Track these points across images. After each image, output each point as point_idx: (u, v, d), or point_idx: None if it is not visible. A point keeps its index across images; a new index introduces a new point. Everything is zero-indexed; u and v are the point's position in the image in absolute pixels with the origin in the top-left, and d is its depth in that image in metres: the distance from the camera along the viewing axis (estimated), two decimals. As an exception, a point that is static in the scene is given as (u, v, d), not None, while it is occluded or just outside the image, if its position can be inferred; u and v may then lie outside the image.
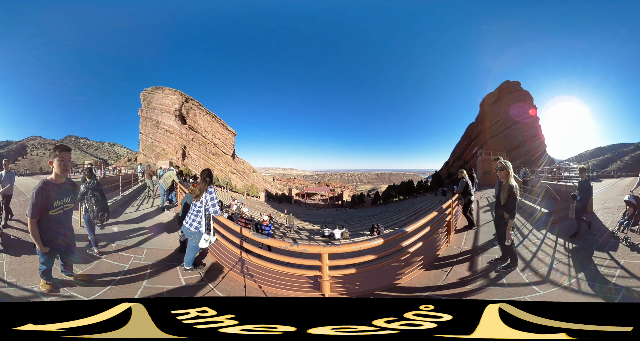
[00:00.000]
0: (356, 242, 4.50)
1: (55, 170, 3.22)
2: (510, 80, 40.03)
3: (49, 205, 3.16)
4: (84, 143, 49.66)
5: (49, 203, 3.16)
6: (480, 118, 41.63)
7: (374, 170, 63.20)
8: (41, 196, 3.10)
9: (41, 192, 3.10)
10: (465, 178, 6.89)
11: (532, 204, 8.50)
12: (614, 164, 38.70)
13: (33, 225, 3.12)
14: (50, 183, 3.21)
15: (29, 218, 3.11)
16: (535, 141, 36.81)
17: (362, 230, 19.32)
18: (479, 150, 33.70)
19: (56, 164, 3.19)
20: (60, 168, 3.20)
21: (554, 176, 15.65)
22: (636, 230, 5.38)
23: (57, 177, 3.26)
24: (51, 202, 3.17)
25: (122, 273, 4.38)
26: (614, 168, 37.19)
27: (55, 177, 3.26)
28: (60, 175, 3.27)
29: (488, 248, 5.38)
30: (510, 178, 4.20)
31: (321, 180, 57.65)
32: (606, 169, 37.55)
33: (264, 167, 59.37)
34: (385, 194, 45.51)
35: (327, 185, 54.41)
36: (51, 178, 3.25)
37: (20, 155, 41.94)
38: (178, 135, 43.36)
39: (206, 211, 4.31)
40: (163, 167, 22.31)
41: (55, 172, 3.23)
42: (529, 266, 4.51)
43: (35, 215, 3.10)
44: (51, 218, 3.21)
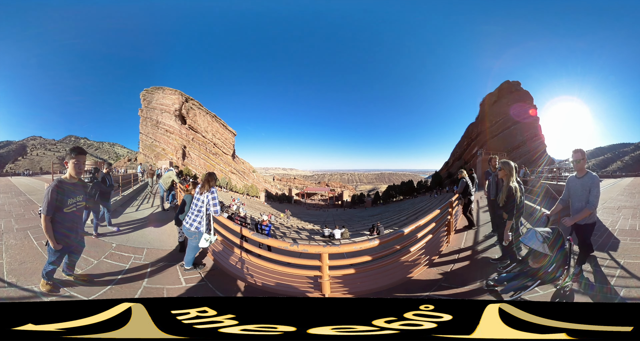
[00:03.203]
0: (356, 242, 4.50)
1: (69, 171, 3.38)
2: (510, 80, 40.10)
3: (63, 202, 3.29)
4: (84, 143, 49.68)
5: (64, 201, 3.30)
6: (480, 118, 41.68)
7: (374, 170, 63.25)
8: (56, 194, 3.23)
9: (56, 190, 3.23)
10: (465, 178, 6.89)
11: (532, 204, 8.51)
12: (614, 164, 38.72)
13: (47, 222, 3.24)
14: (65, 182, 3.36)
15: (44, 215, 3.22)
16: (535, 141, 36.84)
17: (362, 230, 19.33)
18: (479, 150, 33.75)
19: (71, 166, 3.36)
20: (74, 171, 3.38)
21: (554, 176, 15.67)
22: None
23: (70, 177, 3.42)
24: (65, 199, 3.31)
25: (122, 273, 4.38)
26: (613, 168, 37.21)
27: (69, 176, 3.42)
28: (74, 176, 3.43)
29: (488, 248, 5.38)
30: (510, 178, 4.20)
31: (321, 180, 57.67)
32: (606, 169, 37.58)
33: (264, 167, 59.47)
34: (385, 194, 45.52)
35: (327, 185, 54.42)
36: (65, 178, 3.41)
37: (20, 155, 41.93)
38: (178, 135, 43.37)
39: (207, 211, 4.31)
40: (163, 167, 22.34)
41: (70, 173, 3.40)
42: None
43: (49, 212, 3.22)
44: (65, 216, 3.34)
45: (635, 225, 6.03)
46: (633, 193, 9.92)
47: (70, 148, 3.37)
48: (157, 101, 44.47)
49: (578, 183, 3.89)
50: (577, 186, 3.90)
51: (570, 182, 4.04)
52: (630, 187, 11.58)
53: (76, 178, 3.46)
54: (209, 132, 46.26)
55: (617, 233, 5.54)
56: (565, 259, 3.14)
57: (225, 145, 48.12)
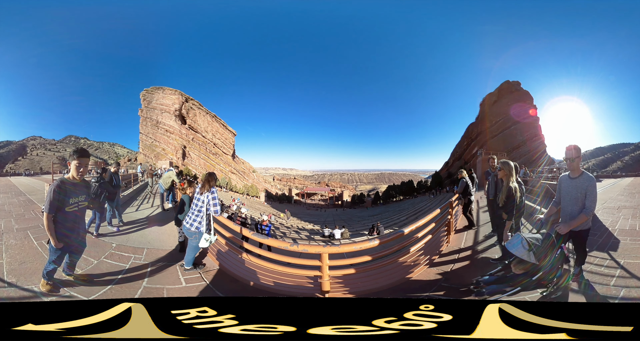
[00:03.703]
0: (356, 242, 4.50)
1: (72, 172, 3.42)
2: (510, 80, 40.08)
3: (65, 202, 3.32)
4: (84, 143, 49.60)
5: (65, 201, 3.32)
6: (480, 118, 41.66)
7: (374, 170, 63.21)
8: (58, 193, 3.26)
9: (58, 189, 3.27)
10: (465, 178, 6.90)
11: (532, 204, 8.51)
12: (614, 164, 38.71)
13: (49, 220, 3.27)
14: (67, 182, 3.39)
15: (46, 213, 3.25)
16: (535, 141, 36.83)
17: (362, 230, 19.33)
18: (479, 150, 33.75)
19: (73, 167, 3.39)
20: (76, 172, 3.40)
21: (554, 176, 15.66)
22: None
23: (72, 177, 3.44)
24: (67, 199, 3.34)
25: (122, 273, 4.38)
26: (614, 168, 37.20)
27: (71, 176, 3.44)
28: (76, 177, 3.45)
29: (488, 248, 5.38)
30: (510, 179, 4.19)
31: (321, 180, 57.65)
32: (606, 169, 37.57)
33: (264, 167, 59.42)
34: (385, 194, 45.51)
35: (327, 185, 54.41)
36: (68, 177, 3.44)
37: (20, 155, 41.92)
38: (178, 135, 43.36)
39: (207, 211, 4.31)
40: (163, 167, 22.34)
41: (72, 174, 3.42)
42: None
43: (52, 210, 3.25)
44: (67, 215, 3.37)
45: (635, 225, 6.03)
46: (633, 193, 9.93)
47: (74, 150, 3.38)
48: (157, 101, 44.45)
49: (571, 184, 3.46)
50: (570, 187, 3.47)
51: (563, 182, 3.60)
52: (630, 187, 11.59)
53: (78, 179, 3.48)
54: (209, 132, 46.24)
55: (617, 233, 5.54)
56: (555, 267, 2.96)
57: (225, 145, 48.09)
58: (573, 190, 3.44)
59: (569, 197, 3.50)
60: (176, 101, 44.60)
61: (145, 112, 44.28)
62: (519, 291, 3.11)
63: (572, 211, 3.45)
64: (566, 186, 3.54)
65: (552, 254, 2.97)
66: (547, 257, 2.94)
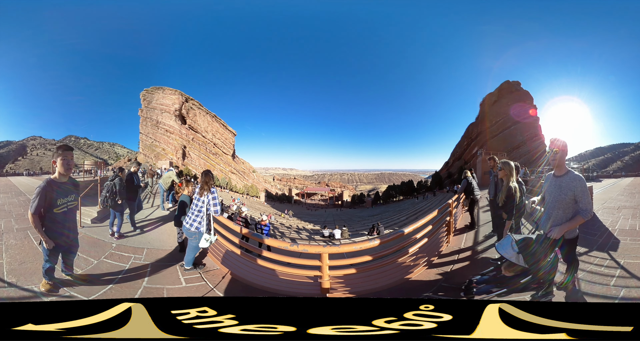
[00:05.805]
0: (356, 242, 4.50)
1: (58, 169, 3.32)
2: (510, 80, 40.04)
3: (52, 203, 3.25)
4: (84, 143, 49.59)
5: (53, 202, 3.25)
6: (480, 118, 41.64)
7: (374, 170, 63.17)
8: (45, 194, 3.20)
9: (44, 191, 3.20)
10: (468, 178, 6.92)
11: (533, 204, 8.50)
12: (614, 164, 38.70)
13: (35, 219, 3.21)
14: (54, 182, 3.31)
15: (30, 212, 3.20)
16: (535, 141, 36.80)
17: (362, 230, 19.32)
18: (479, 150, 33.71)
19: (59, 163, 3.30)
20: (63, 168, 3.31)
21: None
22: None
23: (60, 176, 3.36)
24: (55, 200, 3.26)
25: (122, 273, 4.38)
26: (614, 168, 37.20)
27: (58, 175, 3.36)
28: (64, 174, 3.37)
29: (488, 248, 5.37)
30: (510, 179, 4.19)
31: (321, 180, 57.64)
32: (606, 169, 37.56)
33: (264, 167, 59.38)
34: (385, 194, 45.51)
35: (327, 185, 54.41)
36: (54, 177, 3.35)
37: (20, 155, 41.92)
38: (178, 135, 43.35)
39: (207, 211, 4.31)
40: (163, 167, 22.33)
41: (59, 171, 3.33)
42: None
43: (36, 211, 3.19)
44: (55, 216, 3.30)
45: (635, 225, 6.03)
46: (633, 193, 9.94)
47: (57, 146, 3.33)
48: (157, 101, 44.45)
49: (554, 183, 3.04)
50: (553, 187, 3.03)
51: (546, 181, 3.23)
52: (630, 187, 11.60)
53: (66, 177, 3.41)
54: (209, 132, 46.23)
55: (617, 233, 5.55)
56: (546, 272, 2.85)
57: (225, 145, 48.08)
58: (555, 190, 3.02)
59: (551, 197, 3.09)
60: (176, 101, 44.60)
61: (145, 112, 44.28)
62: (508, 293, 3.05)
63: (557, 215, 3.00)
64: (549, 185, 3.14)
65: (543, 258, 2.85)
66: (537, 261, 2.81)
